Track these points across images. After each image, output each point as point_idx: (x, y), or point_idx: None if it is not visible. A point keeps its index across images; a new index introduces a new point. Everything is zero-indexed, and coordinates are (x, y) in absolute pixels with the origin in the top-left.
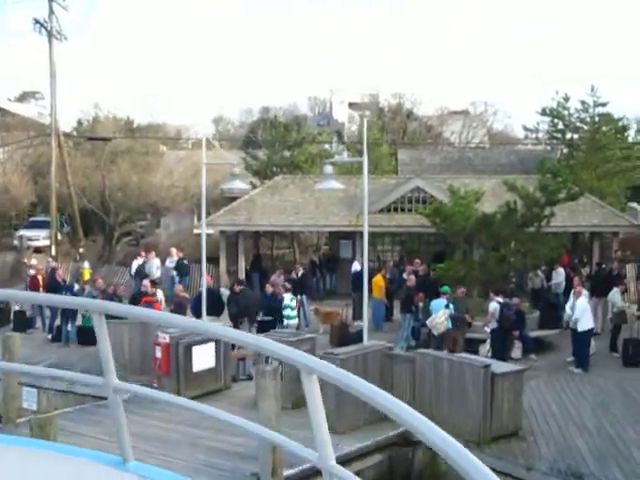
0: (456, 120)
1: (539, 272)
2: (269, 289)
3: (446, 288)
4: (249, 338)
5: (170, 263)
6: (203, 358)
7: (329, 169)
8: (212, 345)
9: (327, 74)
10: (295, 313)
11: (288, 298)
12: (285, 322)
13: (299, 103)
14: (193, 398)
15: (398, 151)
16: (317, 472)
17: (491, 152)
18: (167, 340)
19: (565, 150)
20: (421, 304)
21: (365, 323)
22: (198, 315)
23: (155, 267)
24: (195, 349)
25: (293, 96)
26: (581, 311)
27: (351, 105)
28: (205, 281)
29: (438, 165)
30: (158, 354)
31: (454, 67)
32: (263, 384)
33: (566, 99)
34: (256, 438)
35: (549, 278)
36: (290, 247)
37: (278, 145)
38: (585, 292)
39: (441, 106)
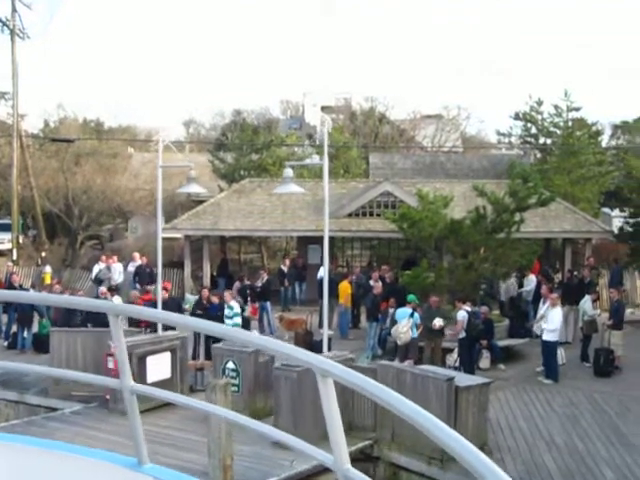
0: (429, 124)
1: (514, 279)
2: (214, 299)
3: (412, 296)
4: (269, 343)
5: (132, 268)
6: (158, 369)
7: (289, 172)
8: (168, 355)
9: (300, 77)
10: (239, 320)
11: (235, 306)
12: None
13: (271, 106)
14: (146, 410)
15: (370, 155)
16: None
17: (464, 156)
18: None
19: (538, 155)
20: (392, 310)
21: (326, 331)
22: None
23: (117, 272)
24: (149, 359)
25: (265, 99)
26: (556, 321)
27: (323, 108)
28: (160, 288)
29: (410, 169)
30: (110, 365)
31: (427, 71)
32: (213, 399)
33: (539, 103)
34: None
35: (520, 285)
36: (258, 252)
37: (246, 148)
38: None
39: (414, 110)
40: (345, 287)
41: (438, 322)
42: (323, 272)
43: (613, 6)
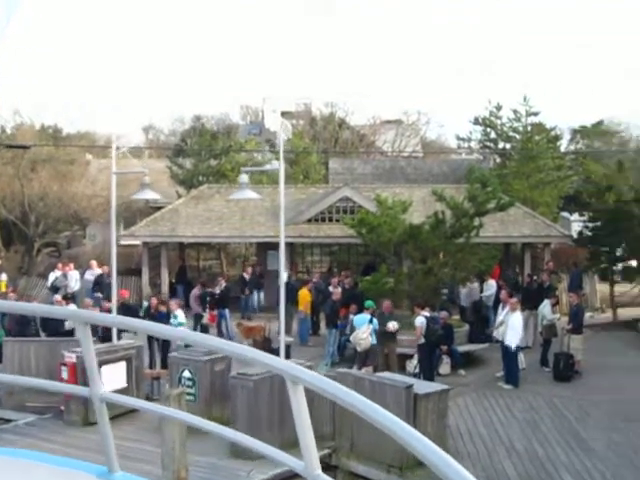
0: (389, 129)
1: (476, 284)
2: (162, 307)
3: (370, 302)
4: (242, 350)
5: (90, 275)
6: (113, 378)
7: (245, 178)
8: (123, 364)
9: (260, 82)
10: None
11: (180, 315)
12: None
13: (231, 112)
14: None
15: (329, 160)
16: None
17: (423, 161)
18: (74, 360)
19: (498, 159)
20: (352, 316)
21: (282, 338)
22: (107, 330)
23: (74, 280)
24: (104, 369)
25: (225, 105)
26: (517, 326)
27: (283, 114)
28: (115, 296)
29: (370, 174)
30: (64, 375)
31: (387, 76)
32: None
33: (498, 108)
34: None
35: (481, 290)
36: (217, 258)
37: (205, 154)
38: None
39: (374, 115)
40: (304, 294)
41: (392, 325)
42: (284, 278)
43: (613, 6)
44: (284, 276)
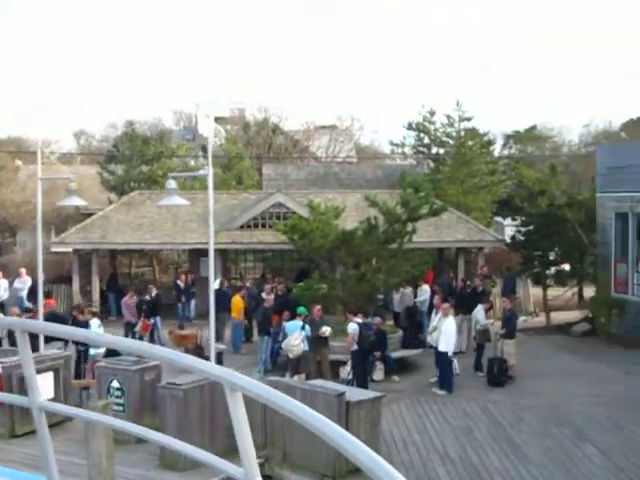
0: (323, 135)
1: (410, 289)
2: (80, 316)
3: (302, 309)
4: (177, 357)
5: (19, 284)
6: (41, 389)
7: (172, 184)
8: (51, 375)
9: (193, 87)
10: None
11: (95, 324)
12: (92, 352)
13: (165, 117)
14: (30, 433)
15: (263, 166)
16: None
17: (357, 167)
18: None
19: (431, 165)
20: (284, 323)
21: (213, 346)
22: (34, 339)
23: (2, 288)
24: None
25: (158, 110)
26: (450, 332)
27: (217, 119)
28: (42, 304)
29: (304, 180)
30: None
31: (320, 81)
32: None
33: (432, 113)
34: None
35: (414, 295)
36: (150, 265)
37: (136, 159)
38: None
39: (307, 120)
40: (237, 301)
41: (325, 330)
42: (215, 285)
43: (613, 6)
44: (215, 283)
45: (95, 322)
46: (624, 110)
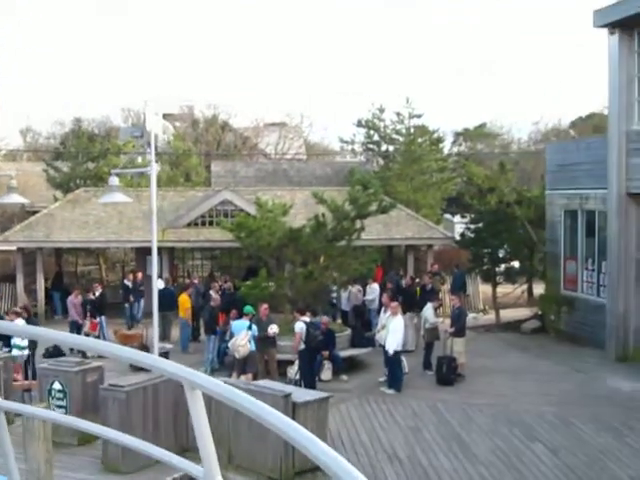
0: (272, 132)
1: (357, 287)
2: (7, 317)
3: (248, 308)
4: (140, 356)
5: None
6: None
7: (114, 181)
8: None
9: (141, 84)
10: (25, 343)
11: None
12: (16, 352)
13: (113, 114)
14: None
15: (212, 163)
16: None
17: (307, 164)
18: None
19: (381, 162)
20: (232, 322)
21: (156, 345)
22: None
23: None
24: None
25: (107, 107)
26: (398, 330)
27: (165, 116)
28: None
29: (252, 177)
30: None
31: (270, 78)
32: (30, 426)
33: (381, 110)
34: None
35: (363, 294)
36: (97, 263)
37: (82, 157)
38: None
39: (256, 117)
40: (184, 299)
41: (272, 329)
42: (160, 284)
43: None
44: (159, 283)
45: (20, 322)
46: (574, 108)
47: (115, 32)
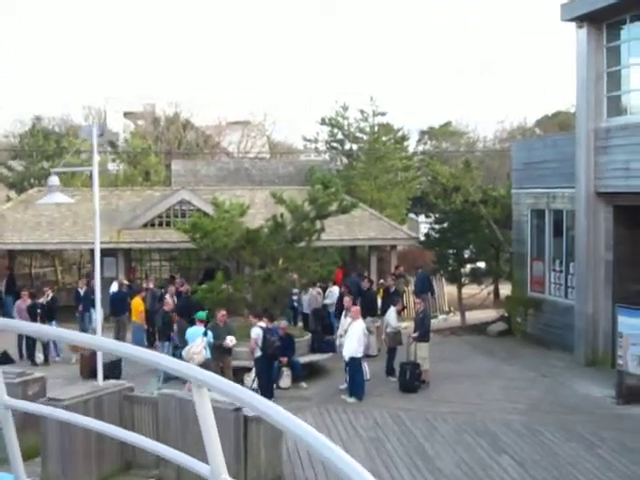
0: (235, 130)
1: (317, 290)
2: None
3: (201, 314)
4: (140, 352)
5: None
6: None
7: (54, 180)
8: None
9: (102, 82)
10: None
11: None
12: None
13: (73, 112)
14: None
15: (172, 161)
16: None
17: (269, 163)
18: None
19: (345, 160)
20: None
21: (100, 354)
22: None
23: None
24: None
25: (67, 105)
26: (357, 335)
27: (126, 114)
28: None
29: (214, 176)
30: None
31: (233, 76)
32: None
33: (345, 108)
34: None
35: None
36: (52, 265)
37: (37, 155)
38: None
39: (219, 116)
40: (137, 303)
41: (230, 340)
42: (115, 287)
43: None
44: (113, 286)
45: None
46: (539, 106)
47: (77, 29)
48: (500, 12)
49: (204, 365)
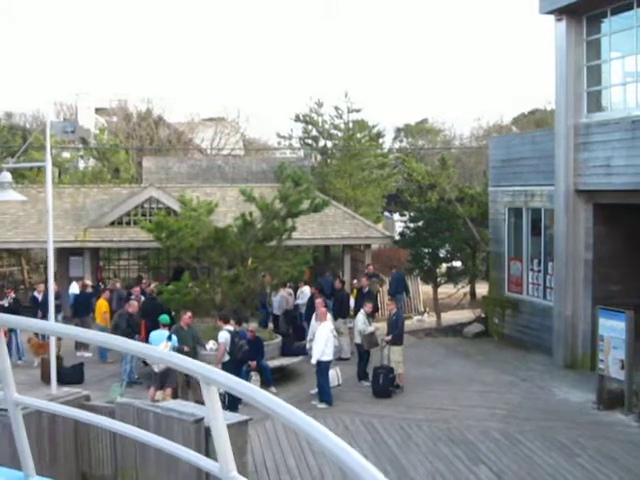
0: (208, 127)
1: (287, 291)
2: None
3: (164, 317)
4: (152, 351)
5: None
6: None
7: (7, 177)
8: None
9: (74, 78)
10: None
11: None
12: None
13: (45, 109)
14: None
15: (143, 158)
16: None
17: (242, 160)
18: None
19: (319, 157)
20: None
21: (53, 358)
22: None
23: None
24: None
25: (39, 101)
26: (321, 338)
27: (98, 110)
28: None
29: (186, 173)
30: None
31: (207, 73)
32: None
33: (319, 105)
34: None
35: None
36: (19, 265)
37: (2, 152)
38: (329, 316)
39: (192, 112)
40: (101, 304)
41: (211, 345)
42: (76, 288)
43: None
44: (74, 287)
45: None
46: (516, 104)
47: (48, 24)
48: (476, 7)
49: (168, 371)
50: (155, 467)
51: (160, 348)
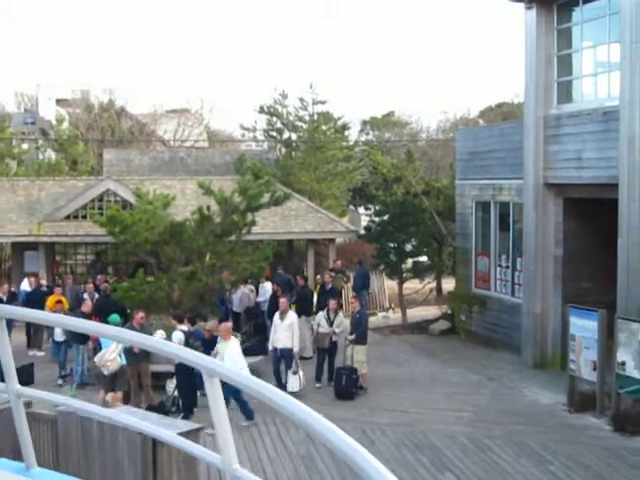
0: (171, 119)
1: (250, 287)
2: None
3: (114, 317)
4: (159, 344)
5: None
6: None
7: None
8: None
9: (35, 69)
10: None
11: None
12: None
13: (6, 100)
14: None
15: (104, 150)
16: None
17: (205, 152)
18: None
19: (284, 150)
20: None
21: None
22: None
23: None
24: None
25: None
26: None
27: (59, 101)
28: None
29: (147, 166)
30: None
31: (170, 63)
32: None
33: (284, 96)
34: None
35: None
36: None
37: None
38: (292, 314)
39: (155, 104)
40: (52, 302)
41: (159, 335)
42: (27, 285)
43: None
44: (25, 284)
45: None
46: (483, 97)
47: (9, 13)
48: None
49: (119, 373)
50: (101, 457)
51: (111, 348)
